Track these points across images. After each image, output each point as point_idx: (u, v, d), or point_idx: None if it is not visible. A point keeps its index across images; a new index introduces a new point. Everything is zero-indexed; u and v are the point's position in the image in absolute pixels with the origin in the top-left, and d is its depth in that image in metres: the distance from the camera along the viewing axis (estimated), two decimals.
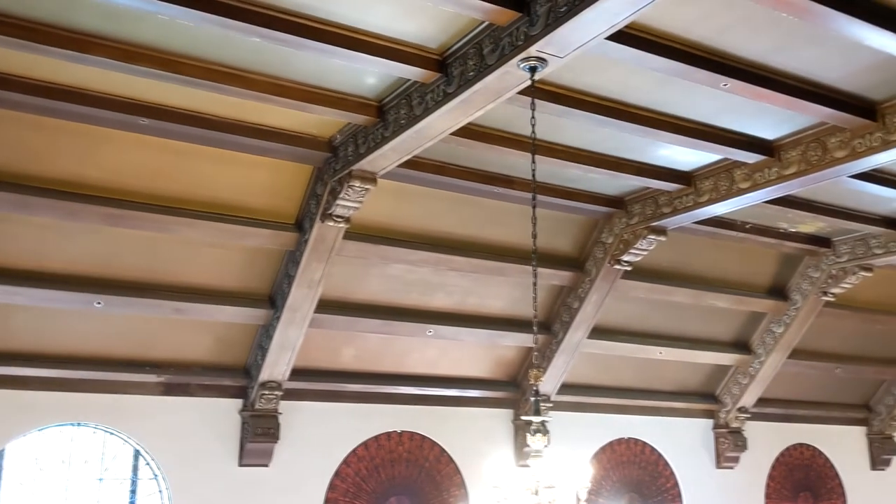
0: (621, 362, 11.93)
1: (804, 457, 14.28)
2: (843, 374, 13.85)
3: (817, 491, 14.28)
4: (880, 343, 13.79)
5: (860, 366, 13.88)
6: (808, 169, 7.70)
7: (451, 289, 10.00)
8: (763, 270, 11.75)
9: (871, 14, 5.35)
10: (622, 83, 6.67)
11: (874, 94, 6.85)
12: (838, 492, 14.50)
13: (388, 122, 6.92)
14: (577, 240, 10.29)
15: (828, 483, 14.44)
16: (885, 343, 13.85)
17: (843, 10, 5.21)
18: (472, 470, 10.75)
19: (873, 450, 14.99)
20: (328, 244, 8.36)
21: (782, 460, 13.96)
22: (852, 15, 5.26)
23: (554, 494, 4.91)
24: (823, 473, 14.43)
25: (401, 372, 10.53)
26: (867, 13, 5.33)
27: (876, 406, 14.88)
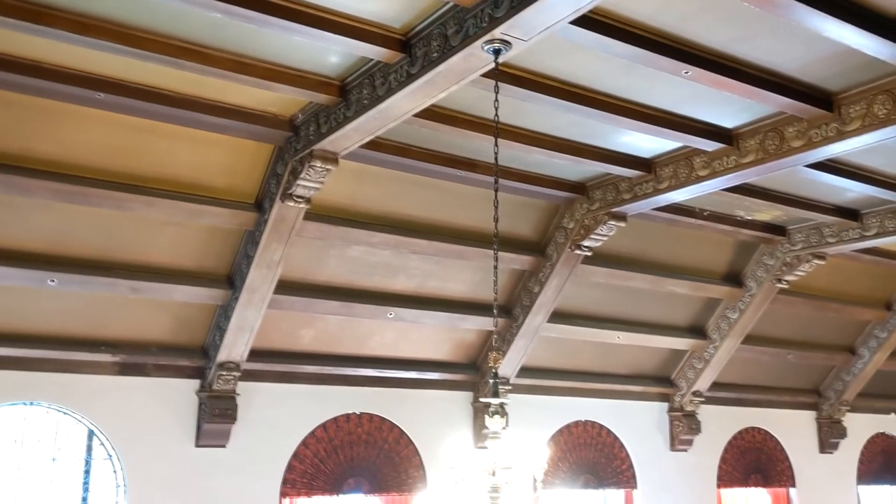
0: (580, 346, 12.06)
1: (756, 440, 14.61)
2: (795, 360, 14.18)
3: (768, 473, 14.64)
4: (831, 330, 14.14)
5: (811, 352, 14.22)
6: (765, 158, 7.82)
7: (412, 271, 9.99)
8: (719, 257, 11.95)
9: (831, 5, 5.44)
10: (586, 68, 6.69)
11: (831, 85, 6.97)
12: (788, 474, 14.88)
13: (350, 101, 6.86)
14: (539, 224, 10.34)
15: (778, 466, 14.80)
16: (836, 330, 14.21)
17: (804, 1, 5.28)
18: (431, 452, 10.81)
19: (822, 434, 15.40)
20: (288, 224, 8.28)
21: (734, 443, 14.28)
22: (812, 6, 5.34)
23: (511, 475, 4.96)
24: (774, 456, 14.79)
25: (360, 354, 10.52)
26: (827, 4, 5.41)
27: (825, 391, 15.27)
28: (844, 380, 14.94)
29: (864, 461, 16.12)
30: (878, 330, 14.27)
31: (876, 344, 14.33)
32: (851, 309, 13.74)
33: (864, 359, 14.53)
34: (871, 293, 13.79)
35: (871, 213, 10.46)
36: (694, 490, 13.55)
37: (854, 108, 7.02)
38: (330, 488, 10.34)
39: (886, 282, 13.69)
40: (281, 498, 10.02)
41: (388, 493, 10.73)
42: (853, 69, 6.57)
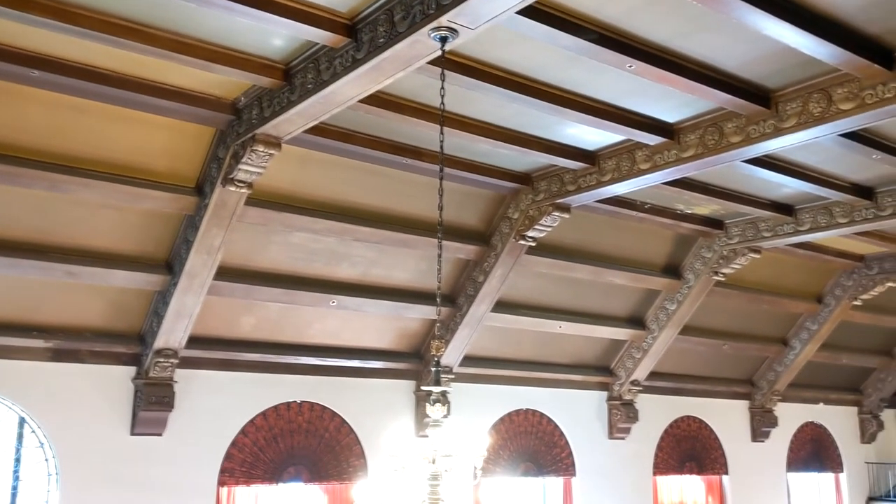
0: (522, 335, 12.17)
1: (691, 428, 14.97)
2: (730, 351, 14.56)
3: (702, 461, 15.02)
4: (764, 322, 14.55)
5: (745, 343, 14.62)
6: (705, 152, 7.98)
7: (355, 259, 9.94)
8: (659, 250, 12.17)
9: (771, 4, 5.56)
10: (532, 59, 6.72)
11: (769, 83, 7.13)
12: (721, 462, 15.29)
13: (294, 85, 6.77)
14: (484, 214, 10.38)
15: (712, 454, 15.19)
16: (769, 322, 14.62)
17: None
18: (372, 441, 10.80)
19: (754, 423, 15.86)
20: (229, 209, 8.14)
21: (671, 431, 14.60)
22: (753, 4, 5.45)
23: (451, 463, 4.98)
24: (708, 444, 15.17)
25: (302, 342, 10.43)
26: (767, 3, 5.53)
27: (758, 381, 15.71)
28: (776, 370, 15.39)
29: (793, 449, 16.67)
30: (809, 322, 14.72)
31: (807, 336, 14.79)
32: (784, 302, 14.15)
33: (796, 350, 15.00)
34: (804, 287, 14.22)
35: (804, 208, 10.77)
36: (631, 477, 13.82)
37: (791, 105, 7.21)
38: (269, 477, 10.25)
39: (818, 276, 14.13)
40: (219, 487, 9.90)
41: (329, 482, 10.69)
42: (791, 67, 6.74)
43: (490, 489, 12.28)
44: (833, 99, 6.89)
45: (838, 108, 6.86)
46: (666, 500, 14.42)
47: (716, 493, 15.23)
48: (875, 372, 17.63)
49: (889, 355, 17.26)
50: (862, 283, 13.91)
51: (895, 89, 6.48)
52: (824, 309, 14.46)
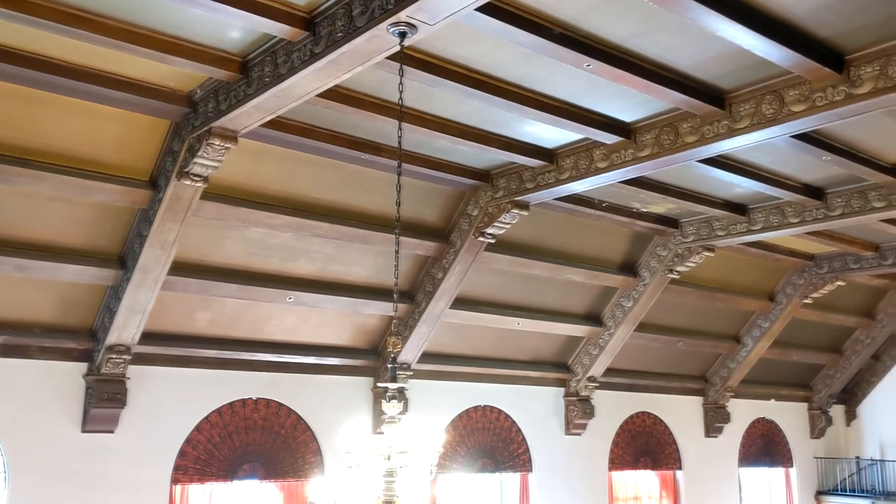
0: (481, 332, 12.21)
1: (646, 424, 15.17)
2: (684, 348, 14.78)
3: (656, 456, 15.23)
4: (718, 319, 14.80)
5: (699, 340, 14.86)
6: (660, 152, 8.08)
7: (313, 255, 9.87)
8: (616, 248, 12.31)
9: (725, 6, 5.64)
10: (491, 56, 6.73)
11: (723, 84, 7.24)
12: (675, 457, 15.53)
13: (251, 79, 6.69)
14: (444, 211, 10.38)
15: (666, 449, 15.42)
16: (722, 319, 14.88)
17: (699, 0, 5.45)
18: (328, 438, 10.75)
19: (708, 418, 16.13)
20: (184, 203, 8.02)
21: (626, 427, 14.78)
22: (707, 5, 5.53)
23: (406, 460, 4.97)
24: (662, 440, 15.39)
25: (258, 338, 10.33)
26: (721, 5, 5.61)
27: (712, 378, 15.98)
28: (729, 367, 15.67)
29: (745, 444, 16.99)
30: (761, 320, 15.02)
31: (759, 333, 15.08)
32: (737, 299, 14.41)
33: (748, 347, 15.29)
34: (756, 285, 14.50)
35: (757, 208, 10.98)
36: (587, 473, 13.96)
37: (744, 106, 7.33)
38: (224, 474, 10.14)
39: (770, 274, 14.42)
40: (172, 485, 9.77)
41: (284, 479, 10.62)
42: (744, 69, 6.85)
43: (447, 485, 12.30)
44: (785, 101, 7.02)
45: (790, 110, 6.99)
46: (621, 496, 14.60)
47: (670, 488, 15.46)
48: (824, 369, 18.05)
49: (838, 352, 17.69)
50: (812, 281, 14.24)
51: (844, 92, 6.63)
52: (776, 307, 14.77)
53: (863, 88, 6.51)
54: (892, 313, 16.84)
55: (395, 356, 5.31)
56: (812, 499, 18.16)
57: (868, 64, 6.46)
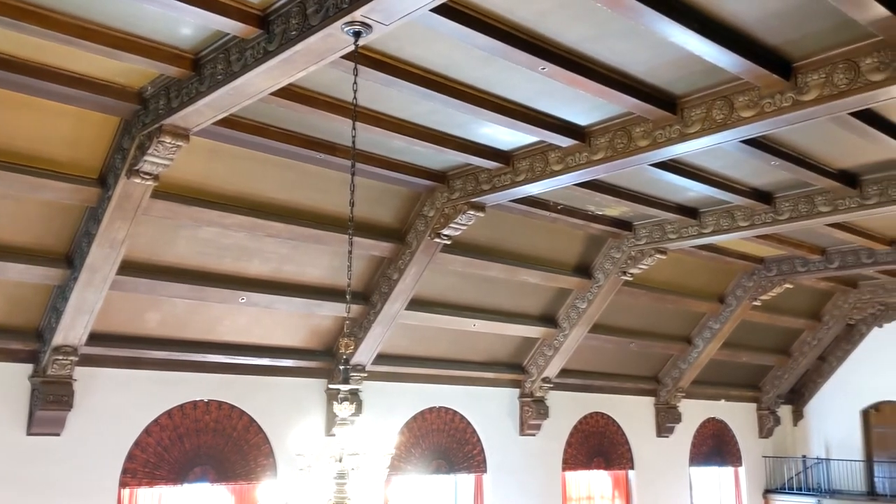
0: (436, 333, 12.21)
1: (599, 424, 15.32)
2: (637, 349, 14.97)
3: (609, 456, 15.39)
4: (670, 321, 15.02)
5: (651, 341, 15.07)
6: (614, 155, 8.16)
7: (267, 255, 9.76)
8: (571, 250, 12.41)
9: (677, 12, 5.72)
10: (447, 58, 6.74)
11: (675, 89, 7.35)
12: (627, 457, 15.71)
13: (203, 76, 6.59)
14: (400, 212, 10.35)
15: (618, 449, 15.59)
16: (674, 321, 15.11)
17: (652, 6, 5.53)
18: (281, 440, 10.63)
19: (659, 419, 16.36)
20: (134, 202, 7.88)
21: (579, 427, 14.91)
22: (659, 11, 5.60)
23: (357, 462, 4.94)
24: (615, 440, 15.56)
25: (210, 339, 10.19)
26: (673, 10, 5.69)
27: (663, 378, 16.21)
28: (681, 368, 15.91)
29: (695, 444, 17.27)
30: (711, 321, 15.28)
31: (710, 334, 15.34)
32: (689, 301, 14.64)
33: (699, 348, 15.54)
34: (707, 287, 14.75)
35: (708, 211, 11.16)
36: (540, 473, 14.05)
37: (695, 111, 7.44)
38: (174, 478, 9.97)
39: (720, 277, 14.68)
40: (120, 488, 9.58)
41: (236, 482, 10.48)
42: (695, 74, 6.96)
43: (401, 487, 12.27)
44: (735, 106, 7.14)
45: (739, 116, 7.12)
46: (574, 496, 14.72)
47: (622, 487, 15.63)
48: (772, 369, 18.44)
49: (786, 354, 18.09)
50: (761, 284, 14.54)
51: (792, 99, 6.76)
52: (726, 309, 15.04)
53: (809, 95, 6.66)
54: (837, 315, 17.28)
55: (347, 358, 5.27)
56: (760, 497, 18.54)
57: (814, 71, 6.60)
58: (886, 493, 17.89)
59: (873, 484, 18.47)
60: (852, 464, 18.41)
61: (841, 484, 18.27)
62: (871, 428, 19.00)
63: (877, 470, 18.51)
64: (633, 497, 15.64)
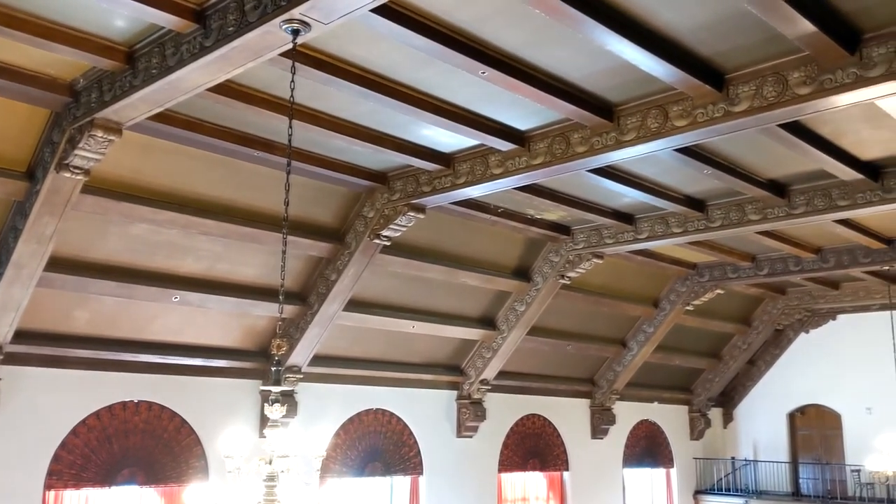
0: (375, 335, 12.16)
1: (535, 426, 15.48)
2: (573, 351, 15.17)
3: (544, 458, 15.56)
4: (605, 324, 15.27)
5: (587, 343, 15.30)
6: (552, 160, 8.24)
7: (200, 253, 9.59)
8: (510, 253, 12.51)
9: (613, 21, 5.82)
10: (388, 58, 6.71)
11: (612, 97, 7.46)
12: (562, 459, 15.90)
13: (137, 69, 6.44)
14: (339, 212, 10.28)
15: (554, 450, 15.77)
16: (610, 324, 15.36)
17: (588, 14, 5.61)
18: (213, 441, 10.40)
19: (594, 420, 16.61)
20: (63, 197, 7.66)
21: (516, 429, 15.03)
22: (596, 20, 5.68)
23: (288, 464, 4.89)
24: (551, 441, 15.74)
25: (141, 339, 9.95)
26: (609, 20, 5.78)
27: (599, 381, 16.46)
28: (616, 370, 16.18)
29: (629, 446, 17.58)
30: (646, 325, 15.58)
31: (644, 338, 15.64)
32: (624, 305, 14.90)
33: (633, 351, 15.83)
34: (642, 291, 15.03)
35: (643, 217, 11.38)
36: (477, 475, 14.12)
37: (631, 119, 7.57)
38: (101, 480, 9.72)
39: (655, 281, 14.99)
40: (45, 491, 9.29)
41: (166, 484, 10.26)
42: (631, 83, 7.08)
43: (336, 489, 12.19)
44: (669, 115, 7.29)
45: (673, 125, 7.27)
46: (509, 497, 14.83)
47: (556, 488, 15.81)
48: (704, 373, 18.90)
49: (716, 357, 18.56)
50: (694, 289, 14.89)
51: (723, 109, 6.93)
52: (660, 313, 15.35)
53: (740, 106, 6.84)
54: (766, 321, 17.81)
55: (279, 359, 5.21)
56: (690, 498, 18.97)
57: (745, 83, 6.78)
58: (810, 493, 18.49)
59: (798, 485, 19.10)
60: (778, 465, 19.00)
61: (768, 485, 18.83)
62: (796, 430, 19.65)
63: (801, 471, 19.15)
64: (567, 498, 15.83)
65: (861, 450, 15.77)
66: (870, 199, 9.44)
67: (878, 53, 6.07)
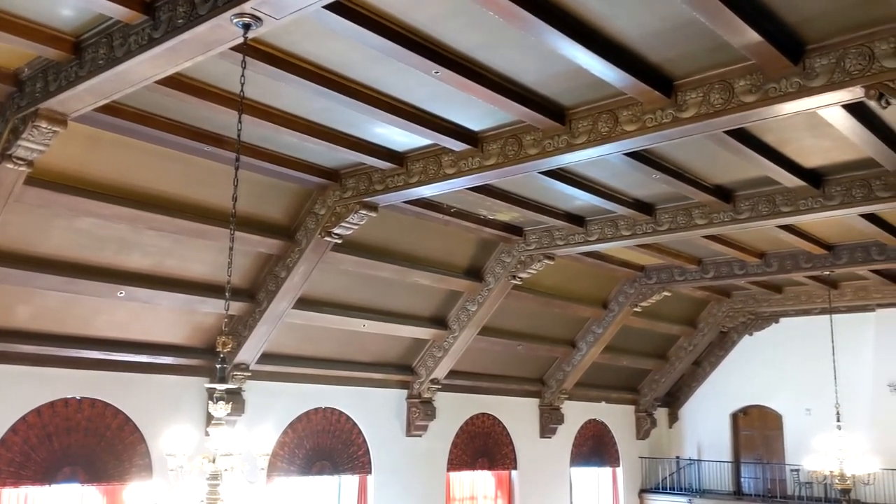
0: (325, 333, 12.10)
1: (485, 425, 15.55)
2: (523, 351, 15.30)
3: (493, 457, 15.65)
4: (556, 324, 15.43)
5: (537, 344, 15.44)
6: (505, 162, 8.30)
7: (148, 249, 9.43)
8: (463, 253, 12.56)
9: (566, 25, 5.89)
10: (342, 56, 6.69)
11: (564, 100, 7.55)
12: (511, 458, 16.01)
13: (84, 60, 6.32)
14: (290, 209, 10.21)
15: (503, 449, 15.87)
16: (560, 325, 15.52)
17: (542, 18, 5.67)
18: (158, 440, 10.22)
19: (543, 420, 16.76)
20: (5, 188, 7.48)
21: (466, 428, 15.09)
22: (549, 24, 5.74)
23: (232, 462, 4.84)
24: (500, 441, 15.83)
25: (85, 335, 9.74)
26: (562, 24, 5.85)
27: (548, 380, 16.62)
28: (565, 370, 16.35)
29: (577, 445, 17.78)
30: (595, 326, 15.78)
31: (593, 338, 15.84)
32: (574, 306, 15.07)
33: (582, 352, 16.02)
34: (591, 293, 15.22)
35: (594, 220, 11.53)
36: (425, 474, 14.13)
37: (582, 123, 7.67)
38: (41, 478, 9.49)
39: (604, 283, 15.19)
40: None
41: (108, 483, 10.06)
42: (583, 87, 7.17)
43: (283, 488, 12.09)
44: (619, 120, 7.41)
45: (623, 129, 7.38)
46: (458, 496, 14.88)
47: (505, 487, 15.92)
48: (650, 373, 19.21)
49: (663, 358, 18.88)
50: (642, 291, 15.13)
51: (672, 115, 7.06)
52: (609, 314, 15.56)
53: (688, 113, 6.97)
54: (711, 323, 18.18)
55: (224, 356, 5.16)
56: (636, 497, 19.25)
57: (693, 90, 6.92)
58: (751, 492, 18.93)
59: (740, 484, 19.53)
60: (721, 465, 19.40)
61: (711, 484, 19.22)
62: (739, 430, 20.09)
63: (743, 470, 19.59)
64: (515, 497, 15.95)
65: (800, 450, 16.16)
66: (811, 205, 9.70)
67: (820, 64, 6.25)
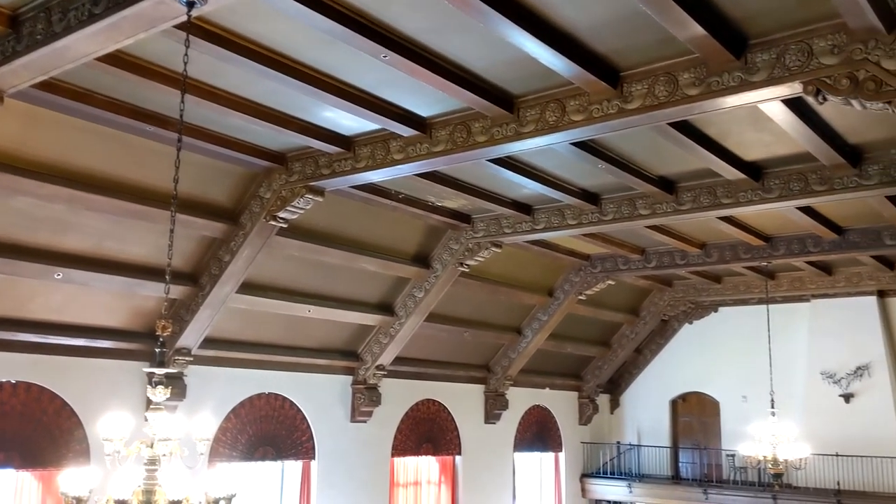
0: (268, 318, 11.98)
1: (430, 411, 15.62)
2: (470, 338, 15.38)
3: (438, 442, 15.73)
4: (502, 312, 15.54)
5: (484, 330, 15.53)
6: (453, 148, 8.30)
7: (86, 230, 9.19)
8: (410, 239, 12.55)
9: (514, 13, 5.89)
10: (290, 37, 6.60)
11: (513, 88, 7.57)
12: (455, 443, 16.12)
13: (21, 35, 6.12)
14: (234, 191, 10.05)
15: (447, 435, 15.96)
16: (506, 312, 15.64)
17: (490, 5, 5.67)
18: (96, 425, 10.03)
19: (488, 406, 16.90)
20: None
21: (411, 414, 15.13)
22: (498, 11, 5.74)
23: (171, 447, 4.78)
24: (444, 426, 15.92)
25: (19, 317, 9.46)
26: (510, 12, 5.86)
27: (494, 367, 16.75)
28: (510, 357, 16.50)
29: (520, 430, 17.98)
30: (540, 313, 15.95)
31: (538, 326, 16.01)
32: (520, 294, 15.20)
33: (528, 339, 16.18)
34: (538, 280, 15.37)
35: (541, 209, 11.62)
36: (369, 460, 14.14)
37: (530, 111, 7.70)
38: None
39: (550, 271, 15.35)
40: None
41: (45, 468, 9.82)
42: (531, 76, 7.19)
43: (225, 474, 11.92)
44: (566, 110, 7.45)
45: (570, 119, 7.43)
46: (402, 481, 14.93)
47: (449, 472, 16.02)
48: (594, 360, 19.51)
49: (606, 346, 19.19)
50: (587, 279, 15.34)
51: (618, 106, 7.14)
52: (554, 302, 15.74)
53: (633, 104, 7.06)
54: (653, 311, 18.53)
55: (163, 340, 5.07)
56: (577, 481, 19.57)
57: (639, 82, 7.00)
58: (689, 477, 19.39)
59: (678, 469, 20.00)
60: (660, 450, 19.82)
61: (650, 468, 19.62)
62: (678, 416, 20.55)
63: (681, 456, 20.05)
64: (458, 482, 16.07)
65: (736, 436, 16.62)
66: (751, 197, 9.94)
67: (761, 59, 6.39)
